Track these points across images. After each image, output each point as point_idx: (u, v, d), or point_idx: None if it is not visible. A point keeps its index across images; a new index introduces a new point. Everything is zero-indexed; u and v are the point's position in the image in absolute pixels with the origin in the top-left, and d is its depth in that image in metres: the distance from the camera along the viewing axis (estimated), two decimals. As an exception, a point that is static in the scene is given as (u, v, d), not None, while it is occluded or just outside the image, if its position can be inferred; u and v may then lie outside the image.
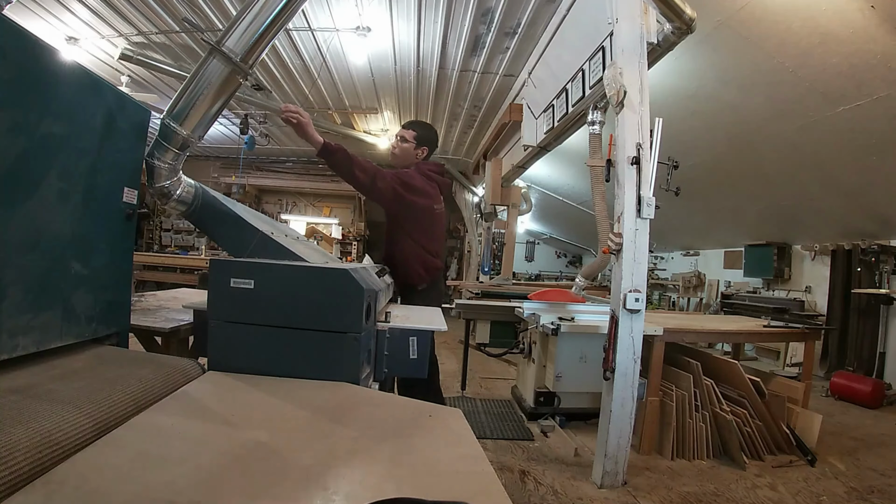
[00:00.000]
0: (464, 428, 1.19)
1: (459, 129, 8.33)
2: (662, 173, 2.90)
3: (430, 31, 5.05)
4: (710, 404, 3.00)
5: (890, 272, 4.97)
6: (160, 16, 5.07)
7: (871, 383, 4.42)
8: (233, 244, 1.89)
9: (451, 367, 5.16)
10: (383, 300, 1.90)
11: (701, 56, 3.95)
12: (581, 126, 3.95)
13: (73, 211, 1.44)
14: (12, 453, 0.83)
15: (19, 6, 4.75)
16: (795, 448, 3.00)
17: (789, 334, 3.71)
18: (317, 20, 4.98)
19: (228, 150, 10.26)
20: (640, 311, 2.53)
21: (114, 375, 1.28)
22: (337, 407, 1.28)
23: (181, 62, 6.10)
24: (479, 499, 0.86)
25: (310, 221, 11.44)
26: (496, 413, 3.68)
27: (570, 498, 2.34)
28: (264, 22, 1.90)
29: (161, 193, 1.89)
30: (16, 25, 1.22)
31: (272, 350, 1.44)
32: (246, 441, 1.03)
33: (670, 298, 8.73)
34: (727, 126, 4.74)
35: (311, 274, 1.48)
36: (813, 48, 3.40)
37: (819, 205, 5.28)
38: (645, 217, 2.57)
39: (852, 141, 4.05)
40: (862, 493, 2.59)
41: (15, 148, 1.22)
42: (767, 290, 6.62)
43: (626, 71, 2.65)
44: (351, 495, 0.84)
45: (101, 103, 1.54)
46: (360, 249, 11.20)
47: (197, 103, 1.86)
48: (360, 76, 6.37)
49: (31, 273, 1.30)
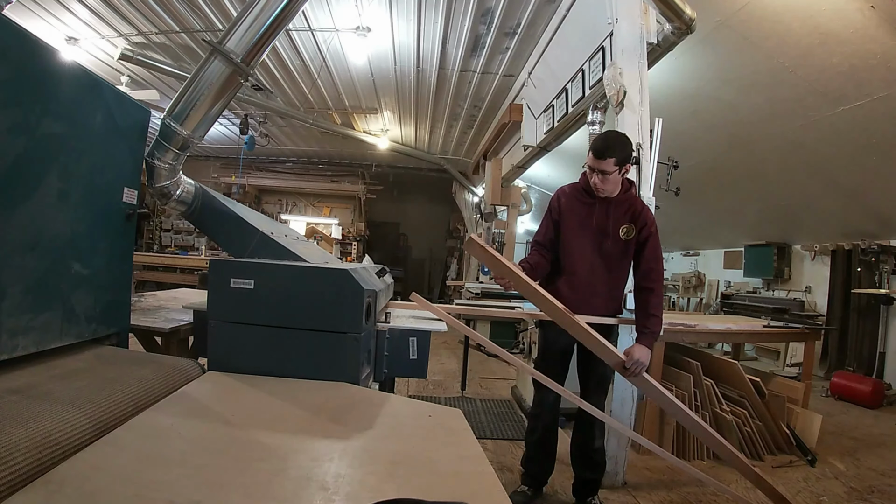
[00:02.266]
0: (464, 428, 1.19)
1: (459, 129, 8.33)
2: (662, 173, 2.90)
3: (430, 31, 5.05)
4: (710, 404, 3.00)
5: (890, 272, 4.96)
6: (160, 16, 5.07)
7: (871, 383, 4.42)
8: (233, 244, 1.89)
9: (451, 367, 5.16)
10: (383, 300, 1.90)
11: (701, 56, 3.95)
12: (581, 126, 3.95)
13: (73, 211, 1.44)
14: (12, 453, 0.83)
15: (19, 6, 4.75)
16: (795, 448, 3.00)
17: (789, 334, 3.71)
18: (317, 20, 4.98)
19: (228, 150, 10.26)
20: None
21: (114, 375, 1.28)
22: (337, 407, 1.28)
23: (181, 62, 6.10)
24: (479, 499, 0.86)
25: (310, 221, 11.43)
26: (496, 413, 3.68)
27: (570, 498, 2.34)
28: (265, 23, 1.90)
29: (161, 193, 1.89)
30: (16, 25, 1.22)
31: (272, 350, 1.44)
32: (246, 441, 1.03)
33: (670, 298, 8.73)
34: (727, 126, 4.74)
35: (311, 274, 1.48)
36: (813, 48, 3.40)
37: (819, 205, 5.28)
38: (645, 217, 2.57)
39: (852, 141, 4.05)
40: (862, 493, 2.59)
41: (15, 148, 1.22)
42: (767, 290, 6.62)
43: (626, 71, 2.65)
44: (351, 495, 0.84)
45: (101, 103, 1.55)
46: (360, 249, 11.19)
47: (197, 104, 1.86)
48: (360, 76, 6.37)
49: (31, 273, 1.30)
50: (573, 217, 2.18)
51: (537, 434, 2.30)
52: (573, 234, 2.18)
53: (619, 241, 2.11)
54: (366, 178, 11.45)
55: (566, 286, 2.18)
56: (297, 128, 8.96)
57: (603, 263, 2.14)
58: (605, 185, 2.07)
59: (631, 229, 2.09)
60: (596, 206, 2.14)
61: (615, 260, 2.14)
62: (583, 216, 2.16)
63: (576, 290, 2.15)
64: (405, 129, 8.60)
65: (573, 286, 2.17)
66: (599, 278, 2.15)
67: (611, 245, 2.12)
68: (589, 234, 2.15)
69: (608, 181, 2.06)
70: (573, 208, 2.19)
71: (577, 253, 2.17)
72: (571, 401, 2.01)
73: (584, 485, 2.28)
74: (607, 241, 2.12)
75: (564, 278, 2.20)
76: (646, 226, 2.09)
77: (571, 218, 2.19)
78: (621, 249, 2.12)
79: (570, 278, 2.18)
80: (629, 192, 2.16)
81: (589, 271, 2.15)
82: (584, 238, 2.16)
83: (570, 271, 2.18)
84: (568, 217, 2.19)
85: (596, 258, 2.14)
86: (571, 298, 2.07)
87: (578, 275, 2.16)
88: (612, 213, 2.12)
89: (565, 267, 2.20)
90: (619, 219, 2.11)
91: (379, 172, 11.44)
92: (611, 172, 2.03)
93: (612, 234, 2.11)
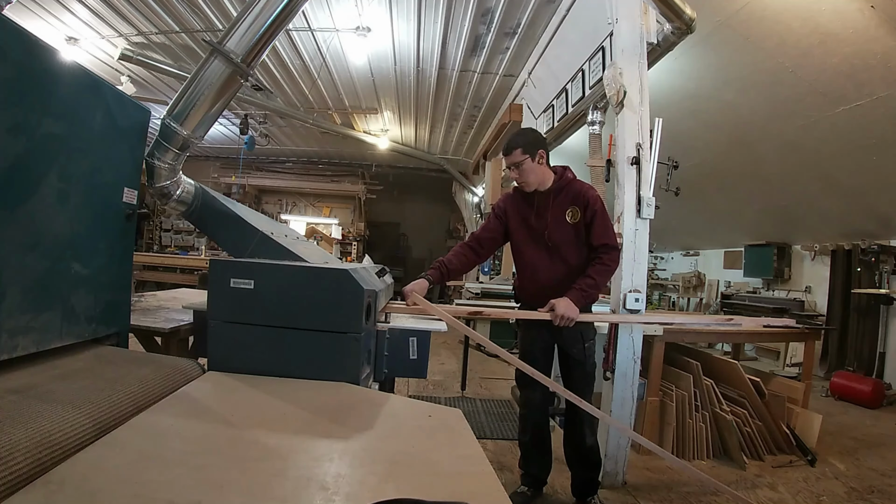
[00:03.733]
0: (464, 428, 1.19)
1: (459, 129, 8.33)
2: (662, 173, 2.90)
3: (430, 31, 5.05)
4: (710, 404, 3.00)
5: (890, 272, 4.96)
6: (160, 16, 5.07)
7: (870, 383, 4.42)
8: (233, 244, 1.89)
9: (451, 367, 5.16)
10: (383, 300, 1.90)
11: (701, 56, 3.96)
12: (581, 126, 3.95)
13: (73, 211, 1.44)
14: (12, 453, 0.83)
15: (19, 6, 4.75)
16: (795, 448, 3.00)
17: (789, 334, 3.71)
18: (317, 20, 4.98)
19: (228, 150, 10.26)
20: (640, 311, 2.53)
21: (114, 375, 1.28)
22: (337, 407, 1.28)
23: (181, 62, 6.11)
24: (479, 499, 0.86)
25: (310, 221, 11.44)
26: (496, 413, 3.68)
27: (570, 498, 2.34)
28: (265, 23, 1.90)
29: (161, 193, 1.89)
30: (16, 25, 1.22)
31: (272, 350, 1.44)
32: (246, 441, 1.03)
33: (670, 298, 8.73)
34: (727, 126, 4.74)
35: (311, 274, 1.48)
36: (813, 48, 3.41)
37: (819, 205, 5.28)
38: (645, 217, 2.58)
39: (852, 141, 4.05)
40: (862, 494, 2.59)
41: (15, 148, 1.22)
42: (767, 290, 6.62)
43: (626, 71, 2.65)
44: (351, 495, 0.84)
45: (101, 103, 1.54)
46: (360, 249, 11.19)
47: (197, 104, 1.86)
48: (360, 76, 6.37)
49: (31, 273, 1.30)
50: (517, 216, 2.21)
51: (528, 434, 2.32)
52: (521, 234, 2.21)
53: (567, 226, 2.13)
54: (366, 178, 11.45)
55: (531, 284, 2.21)
56: (297, 128, 8.96)
57: (558, 254, 2.15)
58: (526, 177, 2.12)
59: (576, 212, 2.12)
60: (535, 201, 2.16)
61: (570, 246, 2.15)
62: (526, 213, 2.19)
63: (540, 284, 2.17)
64: (405, 129, 8.60)
65: (537, 282, 2.18)
66: (559, 269, 2.15)
67: (561, 234, 2.13)
68: (536, 230, 2.17)
69: (525, 172, 2.11)
70: (517, 209, 2.22)
71: (530, 251, 2.19)
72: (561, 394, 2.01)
73: (582, 484, 2.28)
74: (556, 232, 2.13)
75: (528, 276, 2.22)
76: (588, 205, 2.10)
77: (516, 217, 2.22)
78: (573, 234, 2.14)
79: (532, 275, 2.20)
80: (564, 177, 2.18)
81: (548, 266, 2.16)
82: (532, 234, 2.18)
83: (532, 269, 2.20)
84: (513, 217, 2.22)
85: (548, 251, 2.16)
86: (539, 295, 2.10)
87: (538, 270, 2.18)
88: (552, 203, 2.14)
89: (524, 266, 2.23)
90: (563, 205, 2.13)
91: (379, 172, 11.44)
92: (522, 161, 2.08)
93: (558, 222, 2.13)
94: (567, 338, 2.13)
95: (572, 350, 2.16)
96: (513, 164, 2.11)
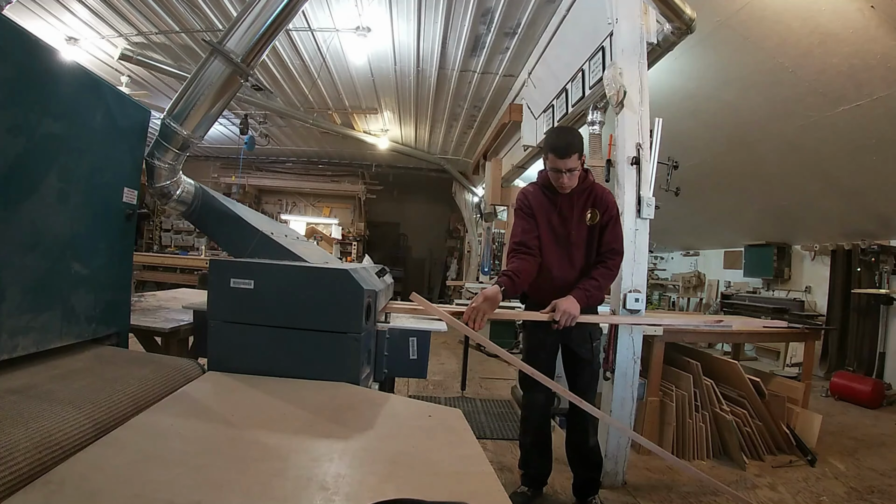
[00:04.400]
0: (464, 428, 1.19)
1: (459, 129, 8.33)
2: (662, 173, 2.90)
3: (430, 31, 5.05)
4: (710, 404, 3.00)
5: (890, 272, 4.96)
6: (160, 16, 5.07)
7: (870, 383, 4.42)
8: (233, 244, 1.89)
9: (451, 367, 5.16)
10: (383, 300, 1.90)
11: (701, 56, 3.95)
12: (581, 126, 3.94)
13: (73, 211, 1.44)
14: (12, 453, 0.83)
15: (19, 6, 4.75)
16: (795, 448, 3.00)
17: (789, 334, 3.71)
18: (317, 20, 4.98)
19: (228, 150, 10.26)
20: (640, 311, 2.53)
21: (114, 375, 1.28)
22: (337, 407, 1.28)
23: (181, 62, 6.10)
24: (479, 499, 0.86)
25: (310, 222, 11.43)
26: (496, 413, 3.68)
27: (570, 498, 2.34)
28: (265, 23, 1.90)
29: (161, 193, 1.89)
30: (16, 25, 1.22)
31: (272, 350, 1.44)
32: (246, 441, 1.03)
33: (670, 298, 8.73)
34: (727, 126, 4.74)
35: (311, 274, 1.48)
36: (813, 48, 3.41)
37: (819, 205, 5.28)
38: (645, 217, 2.58)
39: (852, 141, 4.05)
40: (862, 494, 2.59)
41: (15, 148, 1.22)
42: (767, 291, 6.61)
43: (626, 71, 2.65)
44: (351, 495, 0.84)
45: (101, 103, 1.55)
46: (360, 249, 11.19)
47: (197, 104, 1.86)
48: (360, 76, 6.37)
49: (31, 273, 1.30)
50: (543, 215, 2.20)
51: (529, 436, 2.31)
52: (544, 234, 2.20)
53: (584, 228, 2.15)
54: (366, 178, 11.45)
55: (546, 283, 2.19)
56: (297, 128, 8.96)
57: (574, 255, 2.17)
58: (573, 182, 2.11)
59: (595, 214, 2.14)
60: (559, 201, 2.17)
61: (584, 247, 2.17)
62: (550, 213, 2.19)
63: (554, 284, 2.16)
64: (405, 129, 8.60)
65: (552, 281, 2.18)
66: (573, 270, 2.17)
67: (578, 235, 2.15)
68: (558, 229, 2.17)
69: (575, 177, 2.09)
70: (542, 207, 2.21)
71: (550, 251, 2.19)
72: (565, 396, 2.01)
73: (583, 484, 2.28)
74: (574, 232, 2.15)
75: (544, 275, 2.21)
76: (608, 209, 2.14)
77: (542, 216, 2.20)
78: (588, 236, 2.16)
79: (548, 275, 2.19)
80: (586, 180, 2.19)
81: (564, 267, 2.17)
82: (554, 233, 2.18)
83: (548, 269, 2.19)
84: (539, 215, 2.21)
85: (567, 252, 2.17)
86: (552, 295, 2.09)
87: (554, 269, 2.18)
88: (575, 204, 2.15)
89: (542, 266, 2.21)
90: (584, 206, 2.15)
91: (379, 172, 11.44)
92: (577, 168, 2.07)
93: (578, 224, 2.15)
94: (576, 337, 2.14)
95: (581, 349, 2.17)
96: (569, 169, 2.04)
